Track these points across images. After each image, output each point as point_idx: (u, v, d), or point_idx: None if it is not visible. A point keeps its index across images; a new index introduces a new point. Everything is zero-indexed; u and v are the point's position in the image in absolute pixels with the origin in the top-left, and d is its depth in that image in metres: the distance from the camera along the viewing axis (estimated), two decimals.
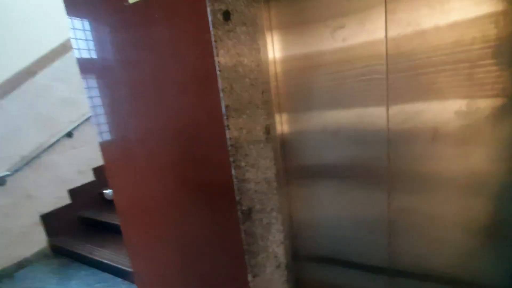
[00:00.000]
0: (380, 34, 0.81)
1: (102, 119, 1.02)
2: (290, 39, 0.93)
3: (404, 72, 0.81)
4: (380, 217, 0.95)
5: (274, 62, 0.97)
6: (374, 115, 0.88)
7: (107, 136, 1.02)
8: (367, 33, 0.82)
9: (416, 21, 0.77)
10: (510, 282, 0.81)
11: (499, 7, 0.68)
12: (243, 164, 0.77)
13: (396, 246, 0.95)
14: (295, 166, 1.04)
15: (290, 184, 1.07)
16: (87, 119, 2.78)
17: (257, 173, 0.86)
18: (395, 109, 0.85)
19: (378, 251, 0.99)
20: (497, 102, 0.74)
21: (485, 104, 0.75)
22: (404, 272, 0.97)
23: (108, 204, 2.61)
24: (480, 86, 0.74)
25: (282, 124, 1.03)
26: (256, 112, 0.87)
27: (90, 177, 2.91)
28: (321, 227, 1.07)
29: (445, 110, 0.79)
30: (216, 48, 0.64)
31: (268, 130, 0.93)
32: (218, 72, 0.66)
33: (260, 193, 0.88)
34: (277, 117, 1.02)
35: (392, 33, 0.80)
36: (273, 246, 0.97)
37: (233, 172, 0.73)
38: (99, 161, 2.68)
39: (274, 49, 0.96)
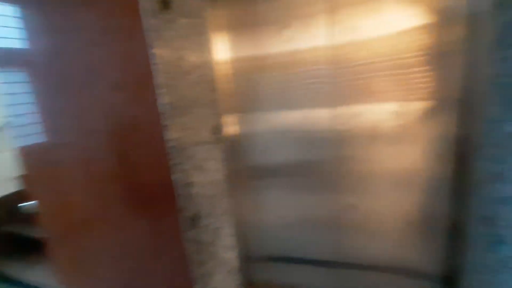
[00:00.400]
0: (324, 40, 0.84)
1: (23, 119, 0.87)
2: (240, 40, 0.91)
3: (347, 76, 0.84)
4: (327, 215, 0.98)
5: (224, 61, 0.94)
6: (320, 117, 0.90)
7: (28, 140, 0.87)
8: (313, 38, 0.85)
9: (357, 30, 0.81)
10: (439, 266, 0.89)
11: (428, 20, 0.74)
12: (187, 167, 0.72)
13: (342, 240, 0.99)
14: (246, 167, 1.02)
15: (242, 185, 1.04)
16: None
17: (204, 176, 0.81)
18: (339, 111, 0.88)
19: (327, 246, 1.01)
20: (427, 104, 0.80)
21: (418, 106, 0.81)
22: (349, 264, 1.01)
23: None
24: (413, 90, 0.80)
25: (232, 124, 0.99)
26: (203, 112, 0.82)
27: (15, 187, 2.51)
28: (273, 227, 1.06)
29: (384, 112, 0.84)
30: (153, 39, 0.58)
31: (217, 130, 0.89)
32: (156, 66, 0.59)
33: (208, 197, 0.83)
34: (227, 117, 0.98)
35: (335, 39, 0.83)
36: (224, 252, 0.93)
37: (175, 176, 0.67)
38: None
39: (224, 48, 0.93)
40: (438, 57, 0.76)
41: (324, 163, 0.94)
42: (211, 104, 0.87)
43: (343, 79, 0.85)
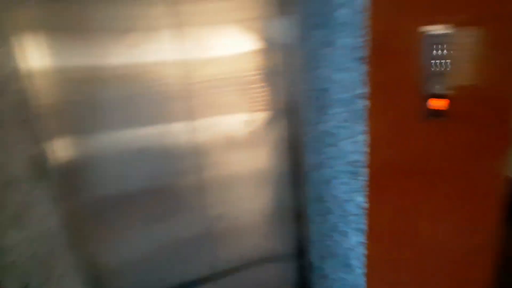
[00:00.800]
0: (175, 55, 0.81)
1: None
2: (70, 46, 0.70)
3: (201, 91, 0.86)
4: (198, 230, 0.95)
5: (49, 70, 0.68)
6: (178, 130, 0.86)
7: None
8: (162, 52, 0.80)
9: (206, 49, 0.84)
10: (292, 249, 1.08)
11: (259, 46, 0.89)
12: None
13: (217, 251, 0.99)
14: (93, 201, 0.80)
15: (88, 225, 0.80)
16: None
17: (27, 230, 0.56)
18: (196, 124, 0.88)
19: (203, 262, 0.98)
20: (267, 114, 0.95)
21: (261, 116, 0.95)
22: (224, 271, 1.02)
23: None
24: (256, 102, 0.93)
25: (65, 151, 0.75)
26: (11, 136, 0.57)
27: None
28: (141, 262, 0.90)
29: (236, 122, 0.92)
30: None
31: (38, 162, 0.64)
32: None
33: (38, 258, 0.58)
34: (56, 142, 0.73)
35: (186, 55, 0.82)
36: None
37: None
38: None
39: (44, 55, 0.68)
40: (270, 75, 0.93)
41: (186, 179, 0.90)
42: (23, 125, 0.62)
43: (197, 93, 0.86)
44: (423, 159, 0.74)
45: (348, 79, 0.70)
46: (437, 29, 0.69)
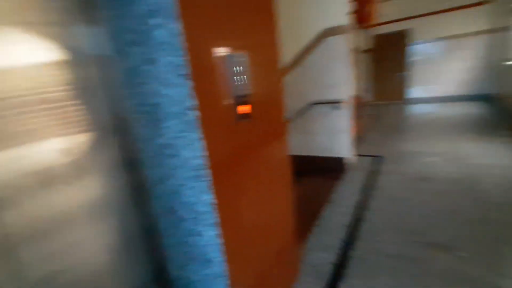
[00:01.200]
0: None
1: None
2: None
3: None
4: None
5: None
6: None
7: None
8: None
9: None
10: (151, 273, 1.02)
11: (64, 56, 0.75)
12: None
13: None
14: None
15: None
16: None
17: None
18: None
19: None
20: (91, 135, 0.83)
21: (83, 138, 0.81)
22: None
23: None
24: (72, 124, 0.79)
25: None
26: None
27: None
28: None
29: (48, 150, 0.74)
30: None
31: None
32: None
33: None
34: None
35: None
36: None
37: None
38: None
39: None
40: (84, 91, 0.81)
41: None
42: None
43: None
44: (240, 153, 0.95)
45: (177, 94, 0.77)
46: (231, 52, 0.91)
